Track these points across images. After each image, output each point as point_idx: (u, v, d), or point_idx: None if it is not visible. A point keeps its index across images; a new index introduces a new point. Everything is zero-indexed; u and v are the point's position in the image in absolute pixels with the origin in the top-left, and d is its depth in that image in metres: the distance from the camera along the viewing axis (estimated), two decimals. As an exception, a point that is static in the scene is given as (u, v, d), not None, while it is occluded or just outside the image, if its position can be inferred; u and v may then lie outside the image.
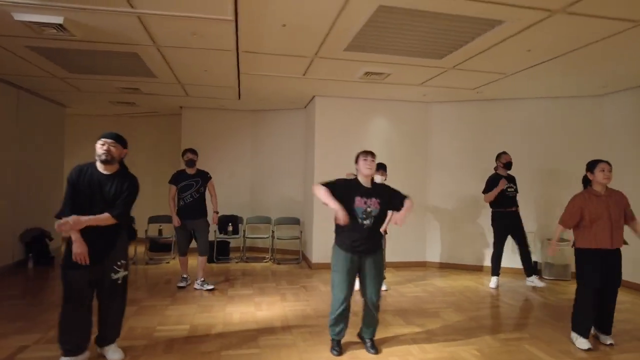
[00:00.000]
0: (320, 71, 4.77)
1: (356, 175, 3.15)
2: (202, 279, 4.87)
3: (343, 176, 3.45)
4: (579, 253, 3.40)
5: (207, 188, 4.95)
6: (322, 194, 2.89)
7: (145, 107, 7.26)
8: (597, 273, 3.28)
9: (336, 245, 3.09)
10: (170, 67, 4.69)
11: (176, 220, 4.82)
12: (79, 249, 2.66)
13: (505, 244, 5.27)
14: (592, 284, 3.29)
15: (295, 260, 6.68)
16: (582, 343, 3.29)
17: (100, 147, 2.77)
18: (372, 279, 3.04)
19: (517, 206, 5.26)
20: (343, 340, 3.18)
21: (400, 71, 4.70)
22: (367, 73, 4.75)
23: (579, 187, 3.60)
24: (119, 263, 2.86)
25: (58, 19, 3.30)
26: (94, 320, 2.89)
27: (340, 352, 3.07)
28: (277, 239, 6.73)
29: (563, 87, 5.36)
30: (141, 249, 6.73)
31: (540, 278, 5.56)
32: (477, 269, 6.20)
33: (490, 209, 5.31)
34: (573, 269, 5.57)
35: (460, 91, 5.68)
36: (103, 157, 2.76)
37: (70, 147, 7.46)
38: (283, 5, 3.04)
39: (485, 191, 5.25)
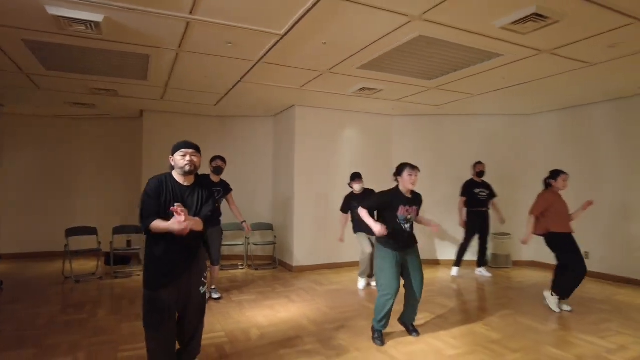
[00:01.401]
0: (319, 84, 5.09)
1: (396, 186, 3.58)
2: (213, 287, 4.77)
3: (320, 177, 4.43)
4: (557, 237, 4.30)
5: (226, 199, 4.90)
6: (365, 217, 3.46)
7: (102, 109, 6.69)
8: (576, 251, 4.28)
9: (382, 247, 3.46)
10: (171, 71, 4.57)
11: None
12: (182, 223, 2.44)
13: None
14: (577, 256, 4.25)
15: (270, 265, 6.79)
16: (555, 306, 4.25)
17: (182, 159, 2.64)
18: (415, 270, 3.49)
19: (488, 208, 6.17)
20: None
21: (390, 88, 5.26)
22: (362, 89, 5.21)
23: (520, 190, 4.57)
24: (205, 275, 2.81)
25: (98, 17, 3.13)
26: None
27: (383, 342, 3.44)
28: (253, 245, 6.77)
29: (508, 107, 6.48)
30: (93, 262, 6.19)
31: (487, 268, 6.57)
32: (434, 262, 7.05)
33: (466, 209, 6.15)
34: (514, 258, 6.79)
35: (424, 107, 6.47)
36: (187, 169, 2.64)
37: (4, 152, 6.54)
38: (337, 26, 3.34)
39: (461, 194, 6.10)
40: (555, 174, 4.42)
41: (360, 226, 5.10)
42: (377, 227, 3.31)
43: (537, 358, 3.17)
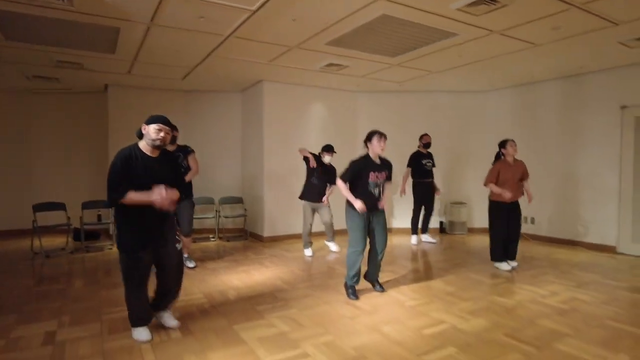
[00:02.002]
0: (288, 59, 5.25)
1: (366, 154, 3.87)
2: (186, 255, 4.89)
3: (288, 152, 5.47)
4: (492, 205, 4.78)
5: (189, 162, 4.74)
6: (344, 191, 3.74)
7: (64, 83, 6.51)
8: (505, 219, 4.74)
9: (351, 209, 3.75)
10: (141, 45, 4.58)
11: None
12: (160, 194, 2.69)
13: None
14: (501, 227, 4.73)
15: (241, 237, 7.02)
16: (504, 266, 4.73)
17: (155, 133, 2.80)
18: (380, 232, 3.84)
19: (433, 178, 6.60)
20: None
21: (356, 64, 5.50)
22: (329, 64, 5.41)
23: (471, 162, 5.01)
24: (177, 233, 3.07)
25: (70, -11, 3.15)
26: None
27: (358, 296, 3.78)
28: (224, 217, 6.95)
29: (465, 84, 6.90)
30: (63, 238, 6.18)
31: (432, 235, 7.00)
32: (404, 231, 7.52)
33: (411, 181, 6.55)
34: (469, 225, 7.37)
35: (388, 83, 6.77)
36: (157, 143, 2.82)
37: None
38: (307, 3, 3.52)
39: (408, 165, 6.47)
40: (503, 143, 4.83)
41: (307, 194, 5.49)
42: (358, 204, 3.60)
43: (484, 304, 3.64)
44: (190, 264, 4.94)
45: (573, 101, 6.21)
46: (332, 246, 5.91)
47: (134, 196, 2.68)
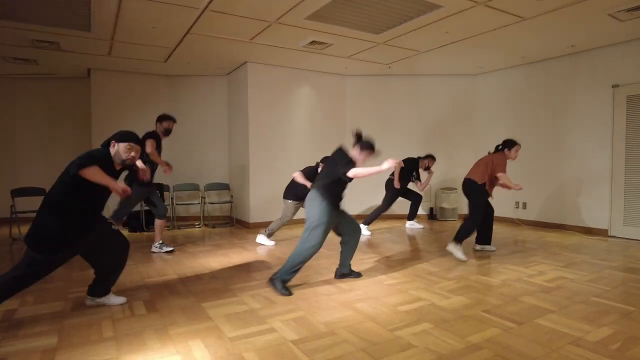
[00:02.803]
0: (269, 37, 5.10)
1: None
2: (161, 242, 4.82)
3: (274, 136, 4.04)
4: (484, 191, 4.52)
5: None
6: (366, 170, 3.32)
7: (45, 67, 6.36)
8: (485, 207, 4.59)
9: (327, 203, 3.31)
10: (116, 21, 4.43)
11: (166, 166, 4.49)
12: (122, 185, 2.60)
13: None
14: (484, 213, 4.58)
15: (228, 223, 6.90)
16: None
17: (126, 152, 2.74)
18: (349, 218, 3.59)
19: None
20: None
21: (340, 42, 5.34)
22: (312, 42, 5.26)
23: (461, 147, 4.84)
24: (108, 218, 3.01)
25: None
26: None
27: (291, 291, 3.31)
28: (209, 204, 6.83)
29: (454, 67, 6.74)
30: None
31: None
32: (400, 217, 7.40)
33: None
34: (460, 211, 7.23)
35: (375, 66, 6.62)
36: (127, 163, 2.78)
37: None
38: (280, -31, 3.37)
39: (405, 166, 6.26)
40: (510, 143, 4.52)
41: (291, 193, 5.14)
42: (391, 162, 3.31)
43: (467, 283, 3.51)
44: (167, 248, 4.82)
45: (564, 82, 6.05)
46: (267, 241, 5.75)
47: (99, 172, 2.54)
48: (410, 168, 6.12)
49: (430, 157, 6.24)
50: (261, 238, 5.25)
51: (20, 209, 5.53)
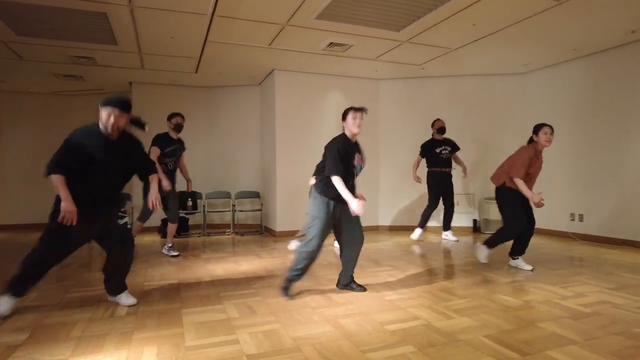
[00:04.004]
0: (286, 41, 5.01)
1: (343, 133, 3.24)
2: (170, 245, 4.85)
3: (301, 144, 3.66)
4: (508, 193, 3.90)
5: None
6: (343, 189, 2.94)
7: (92, 82, 6.90)
8: (523, 211, 3.94)
9: (319, 194, 3.11)
10: (136, 32, 4.63)
11: (167, 183, 4.47)
12: (70, 207, 2.58)
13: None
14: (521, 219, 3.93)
15: (257, 231, 6.87)
16: (527, 266, 4.04)
17: (107, 118, 2.69)
18: (355, 221, 3.19)
19: (451, 167, 5.79)
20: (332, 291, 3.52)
21: (361, 43, 5.11)
22: (331, 44, 5.09)
23: (507, 154, 4.27)
24: (122, 210, 2.95)
25: (34, -33, 3.20)
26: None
27: (291, 295, 3.19)
28: (239, 211, 6.86)
29: (494, 65, 6.16)
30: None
31: (454, 232, 6.15)
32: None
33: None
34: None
35: (407, 67, 6.25)
36: (109, 130, 2.72)
37: (3, 130, 6.90)
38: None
39: (420, 154, 5.81)
40: (536, 127, 3.95)
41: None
42: (356, 206, 2.89)
43: (481, 303, 3.04)
44: (172, 253, 4.81)
45: (625, 76, 5.22)
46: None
47: (60, 186, 2.59)
48: (430, 150, 5.66)
49: (437, 120, 5.77)
50: (294, 244, 5.24)
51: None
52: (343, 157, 3.05)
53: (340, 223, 3.19)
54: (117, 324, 2.65)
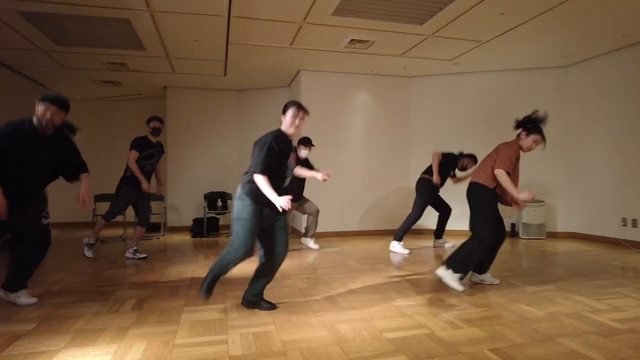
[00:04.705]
0: (307, 40, 4.96)
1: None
2: (135, 248, 4.79)
3: (328, 146, 3.45)
4: (490, 193, 3.30)
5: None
6: (265, 187, 2.55)
7: (129, 87, 7.26)
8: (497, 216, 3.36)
9: (248, 197, 2.66)
10: (160, 37, 4.78)
11: (146, 184, 4.53)
12: (2, 201, 2.59)
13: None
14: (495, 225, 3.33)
15: (284, 233, 6.86)
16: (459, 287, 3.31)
17: (42, 114, 2.71)
18: (282, 235, 2.84)
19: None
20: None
21: (383, 39, 4.94)
22: (352, 41, 4.97)
23: (548, 152, 3.87)
24: (46, 210, 3.00)
25: (56, -23, 3.39)
26: None
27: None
28: (266, 213, 6.89)
29: (531, 58, 5.73)
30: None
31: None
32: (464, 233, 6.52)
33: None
34: (549, 228, 6.04)
35: (438, 63, 5.97)
36: (43, 124, 2.75)
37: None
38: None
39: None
40: (532, 129, 3.37)
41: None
42: (283, 201, 2.48)
43: (496, 313, 2.79)
44: (139, 255, 4.77)
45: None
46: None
47: None
48: (448, 165, 5.19)
49: (472, 158, 5.14)
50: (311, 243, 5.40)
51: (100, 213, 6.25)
52: (277, 155, 2.61)
53: (267, 231, 2.79)
54: (118, 319, 2.70)
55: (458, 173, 5.29)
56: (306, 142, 5.07)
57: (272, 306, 2.91)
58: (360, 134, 6.64)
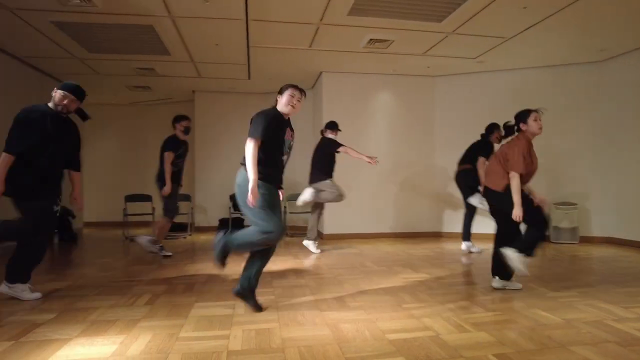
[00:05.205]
0: (325, 41, 4.98)
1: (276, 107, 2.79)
2: (161, 245, 4.87)
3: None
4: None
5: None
6: (251, 158, 2.55)
7: (159, 92, 7.55)
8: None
9: (262, 182, 2.62)
10: (183, 42, 4.94)
11: (169, 187, 4.66)
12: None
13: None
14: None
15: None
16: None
17: (60, 99, 2.94)
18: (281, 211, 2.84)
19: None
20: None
21: (403, 38, 4.88)
22: (371, 40, 4.93)
23: (583, 151, 3.66)
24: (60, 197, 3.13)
25: (80, -13, 3.59)
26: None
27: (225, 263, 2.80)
28: (290, 213, 6.94)
29: (561, 54, 5.46)
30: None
31: None
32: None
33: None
34: (582, 232, 5.72)
35: (462, 62, 5.82)
36: (59, 109, 2.96)
37: (87, 137, 7.81)
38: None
39: (482, 154, 4.81)
40: (522, 115, 3.28)
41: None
42: (251, 192, 2.51)
43: (510, 317, 2.67)
44: (167, 253, 4.84)
45: None
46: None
47: (5, 167, 2.80)
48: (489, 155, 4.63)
49: (497, 128, 4.70)
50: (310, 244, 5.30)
51: (130, 212, 6.55)
52: (274, 127, 2.64)
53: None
54: (132, 312, 2.80)
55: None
56: (332, 126, 5.08)
57: (258, 307, 2.81)
58: (383, 135, 6.57)
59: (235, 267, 4.29)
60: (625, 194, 5.42)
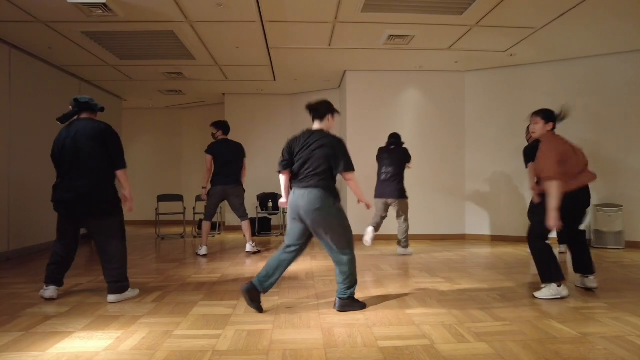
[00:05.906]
0: (344, 39, 4.91)
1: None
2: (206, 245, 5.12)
3: (373, 146, 4.41)
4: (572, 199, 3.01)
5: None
6: (358, 188, 3.10)
7: (191, 95, 7.81)
8: None
9: (338, 201, 2.93)
10: (204, 46, 5.07)
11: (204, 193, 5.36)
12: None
13: None
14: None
15: (331, 235, 6.84)
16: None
17: None
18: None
19: None
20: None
21: (424, 33, 4.70)
22: (390, 37, 4.80)
23: (630, 147, 3.37)
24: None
25: (101, -1, 3.77)
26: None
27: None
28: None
29: (601, 43, 5.02)
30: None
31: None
32: (519, 239, 5.93)
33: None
34: (628, 237, 5.24)
35: (492, 55, 5.52)
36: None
37: (125, 141, 8.25)
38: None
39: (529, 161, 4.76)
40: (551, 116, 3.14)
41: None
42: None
43: (518, 328, 2.47)
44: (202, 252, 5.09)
45: None
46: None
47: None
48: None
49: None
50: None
51: (162, 212, 6.82)
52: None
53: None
54: (137, 309, 2.90)
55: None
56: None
57: (260, 310, 2.83)
58: (411, 134, 6.36)
59: (252, 267, 4.38)
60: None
